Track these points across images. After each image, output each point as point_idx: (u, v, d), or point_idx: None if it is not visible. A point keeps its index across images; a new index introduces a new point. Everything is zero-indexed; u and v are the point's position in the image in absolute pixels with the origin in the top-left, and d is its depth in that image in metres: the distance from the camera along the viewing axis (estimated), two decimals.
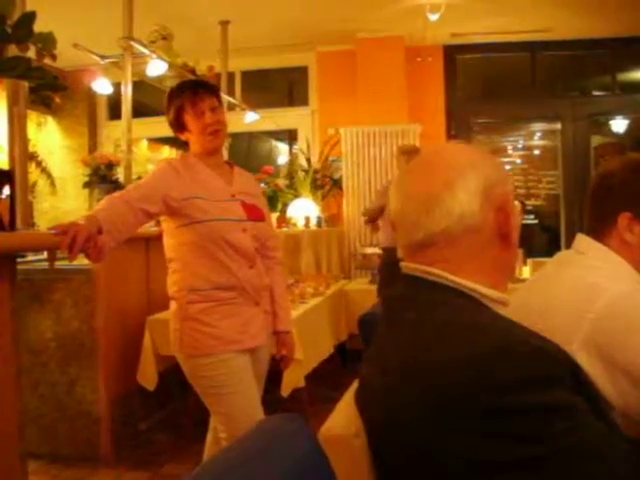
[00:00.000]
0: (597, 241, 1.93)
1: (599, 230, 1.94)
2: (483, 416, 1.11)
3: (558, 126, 8.86)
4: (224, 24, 7.27)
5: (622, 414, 1.66)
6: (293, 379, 4.48)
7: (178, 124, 3.09)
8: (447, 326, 1.26)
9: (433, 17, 7.05)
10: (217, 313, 2.94)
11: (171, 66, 5.94)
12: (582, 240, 1.99)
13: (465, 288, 1.36)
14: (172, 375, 3.10)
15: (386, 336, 1.41)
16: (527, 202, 8.92)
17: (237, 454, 1.04)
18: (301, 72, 9.00)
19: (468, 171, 1.39)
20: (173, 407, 5.05)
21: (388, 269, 5.99)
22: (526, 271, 5.99)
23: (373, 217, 6.48)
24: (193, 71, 6.61)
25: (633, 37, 8.03)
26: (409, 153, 6.27)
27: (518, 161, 9.76)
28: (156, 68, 5.71)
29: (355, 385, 1.45)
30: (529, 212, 8.94)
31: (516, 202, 1.51)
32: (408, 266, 1.43)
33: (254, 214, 3.11)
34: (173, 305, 3.04)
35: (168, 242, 3.06)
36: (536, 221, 9.15)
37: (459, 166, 1.40)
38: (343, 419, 1.35)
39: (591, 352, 1.69)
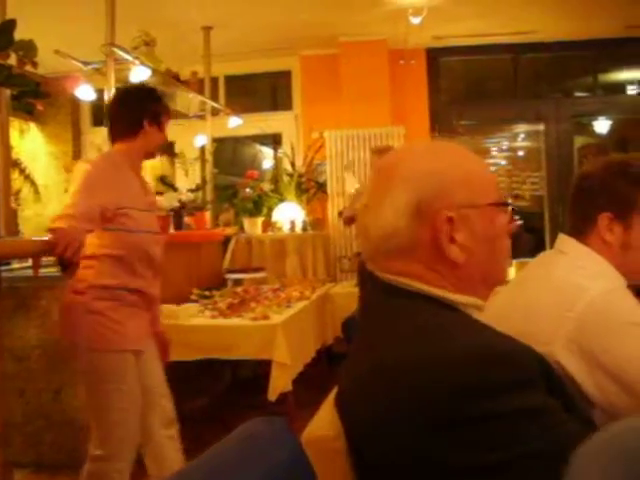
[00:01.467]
0: (578, 241, 1.96)
1: (580, 230, 1.97)
2: (453, 421, 1.12)
3: (541, 127, 8.90)
4: (207, 29, 7.27)
5: (604, 412, 1.67)
6: (280, 383, 4.48)
7: (152, 120, 3.16)
8: (416, 331, 1.27)
9: (415, 20, 7.06)
10: (123, 312, 3.04)
11: (154, 72, 5.92)
12: (563, 240, 2.01)
13: (432, 294, 1.36)
14: None
15: (359, 341, 1.42)
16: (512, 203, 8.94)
17: (216, 458, 1.04)
18: (285, 76, 9.00)
19: (399, 186, 1.38)
20: None
21: (363, 274, 6.00)
22: (511, 272, 6.01)
23: (349, 221, 6.51)
24: (177, 77, 6.61)
25: (615, 39, 8.07)
26: (380, 152, 6.31)
27: (502, 162, 9.78)
28: (139, 74, 5.70)
29: (337, 388, 1.46)
30: (515, 213, 8.93)
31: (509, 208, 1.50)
32: (378, 271, 1.44)
33: (162, 226, 3.22)
34: (74, 299, 3.04)
35: (92, 241, 3.03)
36: (521, 222, 9.16)
37: (395, 180, 1.39)
38: (325, 422, 1.36)
39: (573, 351, 1.71)
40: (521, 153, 9.88)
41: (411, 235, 1.35)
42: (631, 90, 8.99)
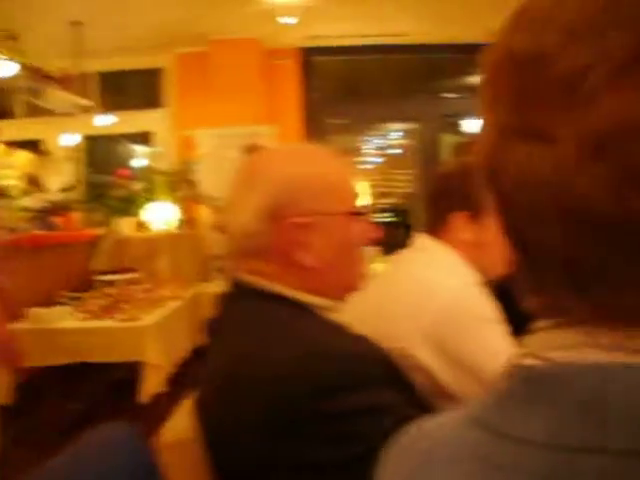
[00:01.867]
0: (435, 239, 2.03)
1: (437, 228, 2.05)
2: (301, 421, 1.15)
3: (412, 126, 9.14)
4: (77, 24, 7.09)
5: (460, 403, 1.74)
6: (152, 384, 4.44)
7: None
8: (266, 332, 1.30)
9: (288, 20, 7.10)
10: None
11: (21, 67, 5.76)
12: (420, 238, 2.09)
13: (284, 295, 1.39)
14: (28, 388, 3.04)
15: (214, 341, 1.45)
16: (385, 201, 9.07)
17: (60, 467, 1.03)
18: (158, 74, 8.88)
19: (257, 188, 1.41)
20: (29, 422, 4.90)
21: None
22: (379, 268, 6.09)
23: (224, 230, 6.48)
24: (45, 73, 6.44)
25: (482, 43, 8.30)
26: (249, 151, 6.32)
27: (376, 160, 9.95)
28: (4, 69, 5.52)
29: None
30: (388, 210, 9.08)
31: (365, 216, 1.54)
32: (235, 270, 1.46)
33: None
34: None
35: None
36: (394, 219, 9.34)
37: (254, 182, 1.43)
38: (181, 426, 1.37)
39: (431, 347, 1.78)
40: (394, 151, 10.07)
41: (265, 236, 1.38)
42: None
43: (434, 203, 2.13)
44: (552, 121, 0.53)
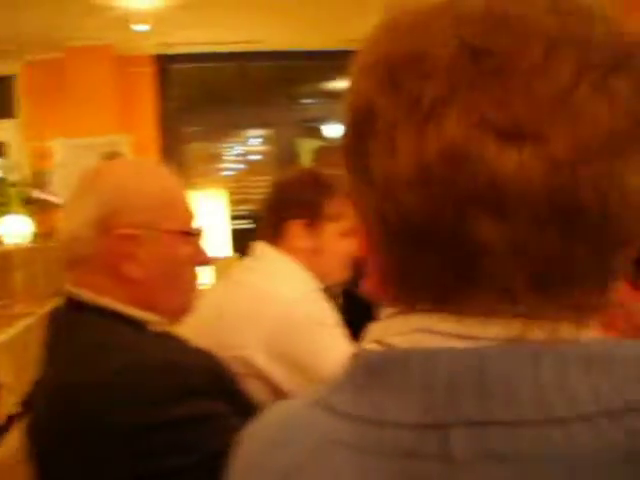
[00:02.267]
0: (273, 247, 2.08)
1: (274, 237, 2.10)
2: (121, 433, 1.16)
3: (270, 132, 9.22)
4: None
5: None
6: (7, 405, 4.31)
7: None
8: (91, 348, 1.30)
9: (141, 28, 7.02)
10: None
11: None
12: (258, 247, 2.13)
13: (107, 308, 1.40)
14: None
15: (44, 358, 1.44)
16: (243, 207, 9.04)
17: None
18: (9, 82, 8.60)
19: (91, 197, 1.43)
20: None
21: None
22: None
23: None
24: None
25: (338, 50, 8.43)
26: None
27: (236, 167, 9.93)
28: None
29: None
30: (246, 217, 9.05)
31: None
32: (65, 283, 1.45)
33: None
34: None
35: None
36: (252, 226, 9.31)
37: (89, 190, 1.45)
38: (13, 447, 1.35)
39: (270, 354, 1.82)
40: (253, 157, 10.09)
41: (92, 245, 1.39)
42: None
43: (272, 211, 2.18)
44: (543, 125, 0.54)
